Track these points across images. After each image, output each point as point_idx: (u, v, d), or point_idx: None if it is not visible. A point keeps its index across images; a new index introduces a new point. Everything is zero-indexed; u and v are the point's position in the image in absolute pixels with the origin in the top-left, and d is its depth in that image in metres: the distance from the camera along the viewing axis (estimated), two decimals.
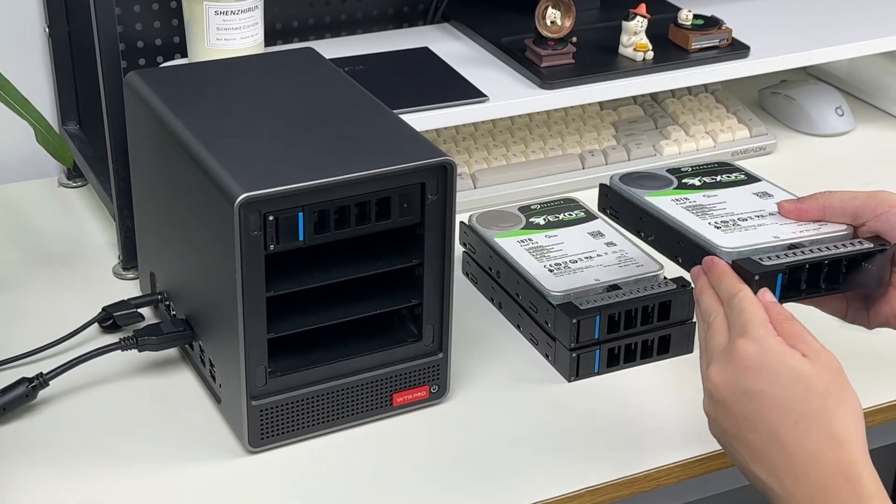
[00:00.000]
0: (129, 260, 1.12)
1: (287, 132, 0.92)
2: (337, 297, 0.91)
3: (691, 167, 0.99)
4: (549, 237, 1.08)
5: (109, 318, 1.03)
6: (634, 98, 1.41)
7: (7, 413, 0.93)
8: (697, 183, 0.97)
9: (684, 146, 1.34)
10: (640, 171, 1.00)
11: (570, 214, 1.11)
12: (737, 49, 1.30)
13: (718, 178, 0.98)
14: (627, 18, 1.27)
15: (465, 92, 1.21)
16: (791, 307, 0.84)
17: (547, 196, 1.20)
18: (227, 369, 0.91)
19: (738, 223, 0.90)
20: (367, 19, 1.40)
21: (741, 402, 0.77)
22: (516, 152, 1.30)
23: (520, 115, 1.34)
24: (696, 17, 1.30)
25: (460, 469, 0.91)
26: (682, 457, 0.92)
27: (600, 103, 1.39)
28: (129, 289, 1.10)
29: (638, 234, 0.96)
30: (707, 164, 1.01)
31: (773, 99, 1.47)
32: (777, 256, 0.86)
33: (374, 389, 0.93)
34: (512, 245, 1.07)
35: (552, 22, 1.23)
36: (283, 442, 0.92)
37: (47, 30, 1.26)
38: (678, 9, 1.31)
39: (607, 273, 1.02)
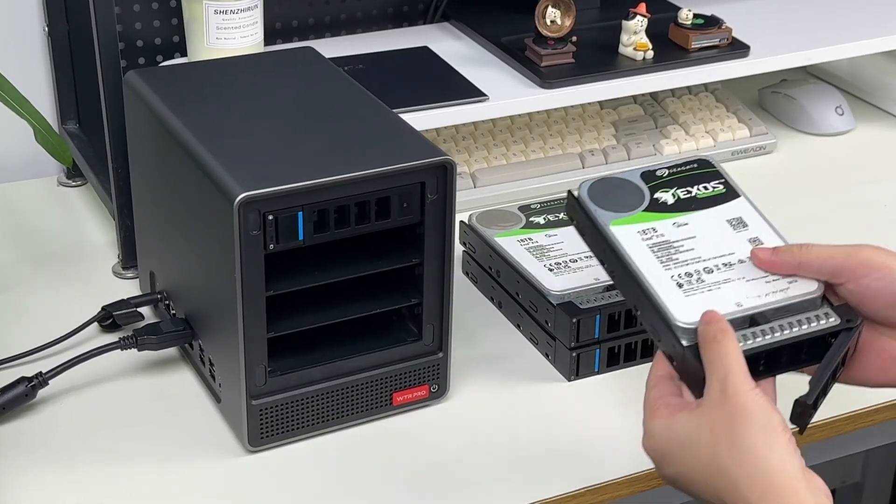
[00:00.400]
0: (128, 259, 1.12)
1: (287, 131, 0.92)
2: (337, 297, 0.91)
3: (668, 170, 0.88)
4: (549, 236, 1.08)
5: (109, 318, 1.03)
6: (634, 97, 1.41)
7: (6, 412, 0.93)
8: (671, 199, 0.85)
9: (684, 145, 1.34)
10: (613, 177, 0.87)
11: (706, 189, 1.06)
12: (737, 48, 1.30)
13: (694, 191, 0.87)
14: (627, 18, 1.27)
15: (465, 91, 1.21)
16: None
17: (547, 195, 1.20)
18: (227, 368, 0.91)
19: (702, 279, 0.80)
20: (367, 18, 1.40)
21: (679, 481, 0.77)
22: (516, 151, 1.30)
23: (520, 115, 1.34)
24: (696, 16, 1.30)
25: (460, 468, 0.91)
26: None
27: (600, 103, 1.39)
28: (129, 288, 1.10)
29: (602, 264, 0.84)
30: (686, 167, 0.88)
31: (773, 98, 1.47)
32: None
33: (374, 389, 0.93)
34: (512, 244, 1.07)
35: (552, 21, 1.23)
36: (283, 441, 0.92)
37: (47, 29, 1.26)
38: (678, 8, 1.31)
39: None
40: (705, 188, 0.87)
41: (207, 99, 0.97)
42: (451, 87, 1.21)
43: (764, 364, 0.78)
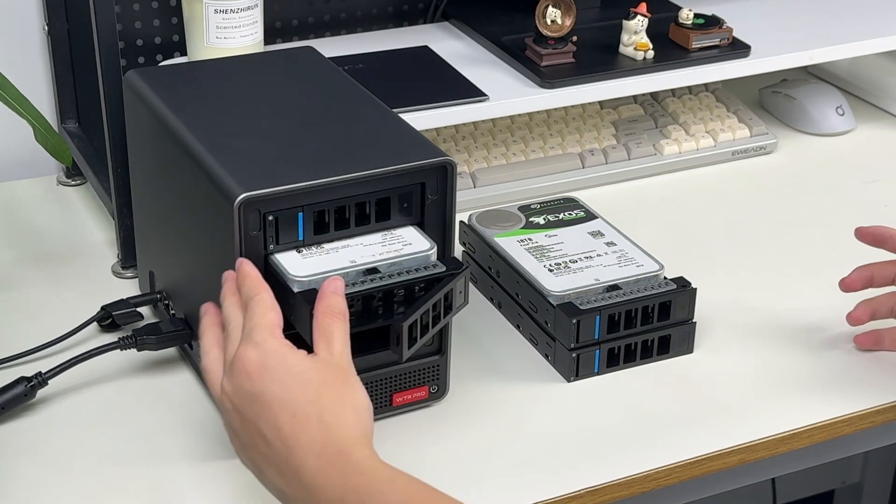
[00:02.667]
0: (128, 259, 1.12)
1: (287, 131, 0.92)
2: None
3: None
4: (549, 237, 1.08)
5: (108, 318, 1.03)
6: (635, 97, 1.41)
7: (6, 412, 0.93)
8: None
9: (684, 145, 1.34)
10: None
11: (570, 214, 1.11)
12: (737, 48, 1.30)
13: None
14: (628, 17, 1.26)
15: (465, 91, 1.21)
16: None
17: (547, 195, 1.20)
18: None
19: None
20: (367, 18, 1.40)
21: (246, 406, 0.77)
22: (516, 151, 1.30)
23: (520, 115, 1.34)
24: (696, 16, 1.30)
25: (459, 469, 0.91)
26: (682, 457, 0.92)
27: (600, 102, 1.38)
28: (128, 288, 1.10)
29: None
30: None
31: (773, 98, 1.47)
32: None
33: (374, 389, 0.93)
34: (512, 245, 1.07)
35: (552, 21, 1.23)
36: None
37: (46, 28, 1.26)
38: (679, 8, 1.31)
39: (607, 273, 1.02)
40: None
41: (207, 98, 0.97)
42: (451, 86, 1.21)
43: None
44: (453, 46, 1.31)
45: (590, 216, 1.11)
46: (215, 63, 1.05)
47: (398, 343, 0.84)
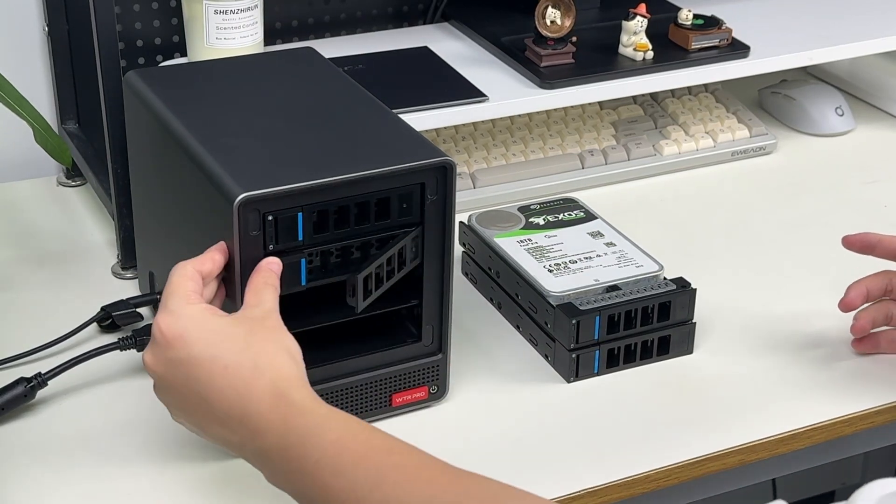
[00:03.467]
0: (127, 259, 1.12)
1: (286, 132, 0.92)
2: (336, 298, 0.91)
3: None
4: (549, 237, 1.08)
5: (108, 318, 1.03)
6: (634, 98, 1.41)
7: (5, 413, 0.93)
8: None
9: (684, 146, 1.34)
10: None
11: (570, 214, 1.11)
12: (737, 49, 1.30)
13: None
14: (627, 18, 1.26)
15: (465, 91, 1.21)
16: None
17: (546, 196, 1.20)
18: None
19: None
20: (367, 18, 1.40)
21: (173, 372, 0.79)
22: (516, 152, 1.30)
23: (519, 115, 1.34)
24: (696, 16, 1.30)
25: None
26: (682, 458, 0.92)
27: (600, 103, 1.39)
28: (128, 288, 1.10)
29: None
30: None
31: (773, 99, 1.47)
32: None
33: (374, 390, 0.93)
34: (511, 245, 1.07)
35: (552, 21, 1.23)
36: None
37: (46, 29, 1.26)
38: (678, 8, 1.31)
39: (607, 273, 1.02)
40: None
41: (207, 99, 0.97)
42: (451, 87, 1.21)
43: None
44: (453, 47, 1.31)
45: (589, 216, 1.11)
46: (215, 64, 1.05)
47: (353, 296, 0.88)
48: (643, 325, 1.01)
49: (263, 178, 0.84)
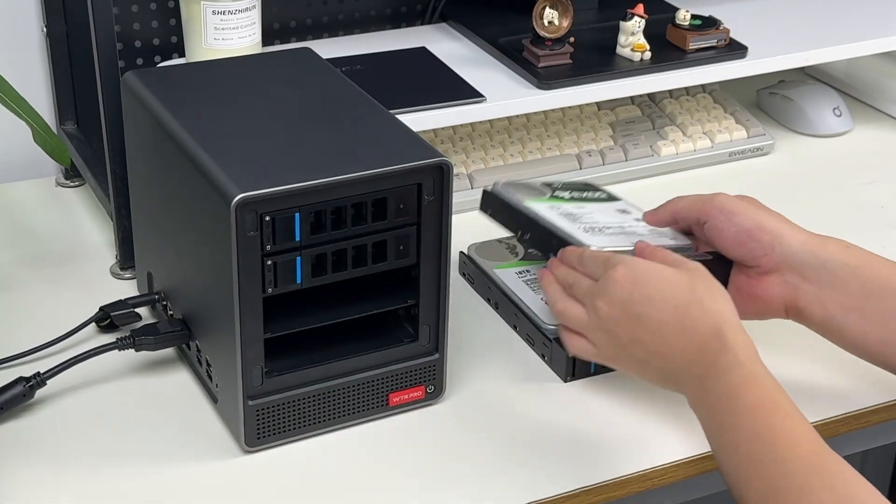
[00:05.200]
0: (126, 259, 1.12)
1: (284, 132, 0.92)
2: (333, 297, 0.91)
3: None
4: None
5: (107, 318, 1.03)
6: (632, 98, 1.41)
7: (4, 412, 0.93)
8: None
9: (682, 146, 1.34)
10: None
11: (594, 193, 1.11)
12: (734, 49, 1.30)
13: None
14: (625, 18, 1.27)
15: (463, 92, 1.21)
16: None
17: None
18: (224, 369, 0.91)
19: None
20: (365, 19, 1.40)
21: (629, 310, 0.89)
22: (513, 152, 1.30)
23: (517, 116, 1.34)
24: (693, 17, 1.30)
25: (456, 469, 0.91)
26: (677, 457, 0.92)
27: (598, 103, 1.39)
28: (127, 288, 1.10)
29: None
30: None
31: (770, 99, 1.47)
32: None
33: (371, 389, 0.93)
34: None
35: (550, 22, 1.24)
36: (280, 442, 0.92)
37: (45, 29, 1.26)
38: (676, 9, 1.31)
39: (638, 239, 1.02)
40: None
41: (205, 100, 0.97)
42: (449, 87, 1.22)
43: None
44: (451, 48, 1.31)
45: (613, 198, 1.10)
46: (213, 64, 1.05)
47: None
48: None
49: (261, 179, 0.84)
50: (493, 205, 1.05)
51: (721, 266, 0.97)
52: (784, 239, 0.96)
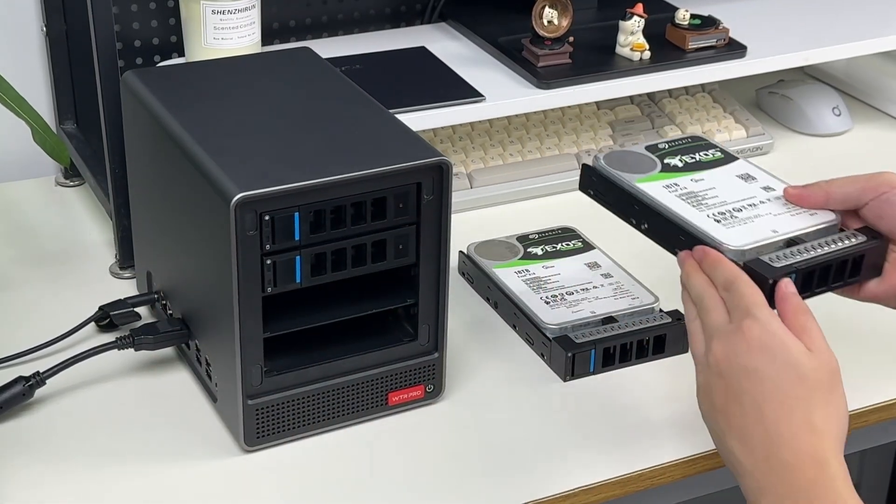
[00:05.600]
0: (125, 259, 1.12)
1: (283, 132, 0.92)
2: (333, 297, 0.91)
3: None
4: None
5: (106, 318, 1.03)
6: (631, 98, 1.41)
7: (4, 412, 0.94)
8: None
9: None
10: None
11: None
12: (734, 49, 1.30)
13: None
14: (624, 18, 1.27)
15: (462, 92, 1.21)
16: None
17: (544, 195, 1.20)
18: (224, 368, 0.91)
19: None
20: (365, 19, 1.40)
21: (736, 376, 0.80)
22: (513, 152, 1.30)
23: (516, 115, 1.34)
24: (693, 16, 1.30)
25: (455, 468, 0.91)
26: (676, 456, 0.92)
27: (597, 103, 1.39)
28: (126, 288, 1.10)
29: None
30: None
31: (770, 99, 1.47)
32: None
33: (370, 389, 0.93)
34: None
35: (549, 21, 1.24)
36: (279, 441, 0.92)
37: (44, 29, 1.26)
38: (675, 8, 1.31)
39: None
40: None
41: (205, 99, 0.97)
42: (448, 87, 1.22)
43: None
44: (450, 47, 1.31)
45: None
46: (213, 64, 1.05)
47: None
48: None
49: (260, 178, 0.84)
50: (598, 185, 0.94)
51: (877, 247, 0.89)
52: None
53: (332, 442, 0.93)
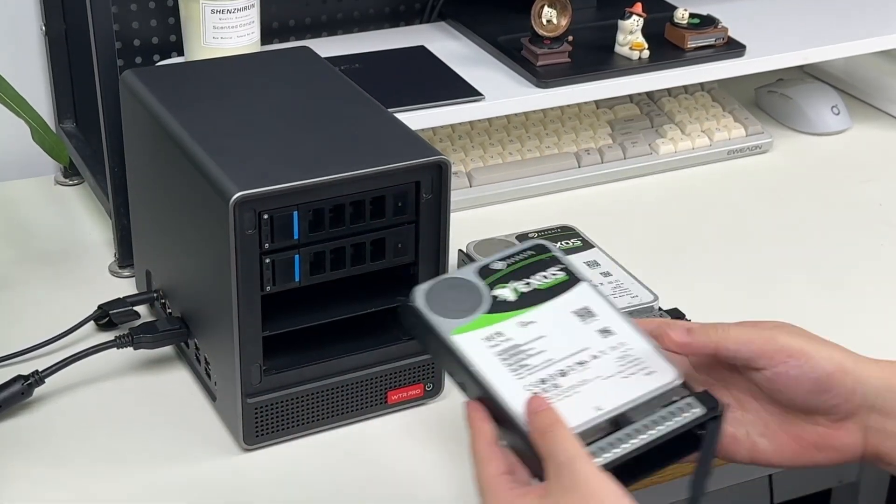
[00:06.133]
0: (124, 258, 1.12)
1: (283, 131, 0.92)
2: (332, 296, 0.91)
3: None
4: (524, 325, 0.77)
5: (105, 316, 1.03)
6: (631, 97, 1.41)
7: (2, 410, 0.94)
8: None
9: (680, 145, 1.34)
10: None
11: (546, 278, 0.80)
12: (733, 48, 1.30)
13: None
14: (623, 17, 1.27)
15: (462, 91, 1.21)
16: None
17: (543, 195, 1.19)
18: (223, 367, 0.91)
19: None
20: (364, 18, 1.40)
21: None
22: (512, 151, 1.30)
23: (516, 114, 1.34)
24: (692, 15, 1.30)
25: (454, 467, 0.91)
26: None
27: (596, 102, 1.39)
28: (125, 287, 1.10)
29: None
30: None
31: (769, 97, 1.47)
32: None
33: (369, 387, 0.93)
34: (475, 344, 0.76)
35: (548, 21, 1.24)
36: (278, 440, 0.92)
37: (44, 28, 1.26)
38: (674, 7, 1.31)
39: (608, 391, 0.75)
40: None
41: (204, 98, 0.97)
42: (448, 86, 1.22)
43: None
44: (450, 46, 1.31)
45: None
46: (212, 63, 1.05)
47: None
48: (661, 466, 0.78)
49: (259, 177, 0.84)
50: (417, 329, 0.78)
51: (716, 420, 0.75)
52: (863, 377, 0.78)
53: (331, 440, 0.93)
